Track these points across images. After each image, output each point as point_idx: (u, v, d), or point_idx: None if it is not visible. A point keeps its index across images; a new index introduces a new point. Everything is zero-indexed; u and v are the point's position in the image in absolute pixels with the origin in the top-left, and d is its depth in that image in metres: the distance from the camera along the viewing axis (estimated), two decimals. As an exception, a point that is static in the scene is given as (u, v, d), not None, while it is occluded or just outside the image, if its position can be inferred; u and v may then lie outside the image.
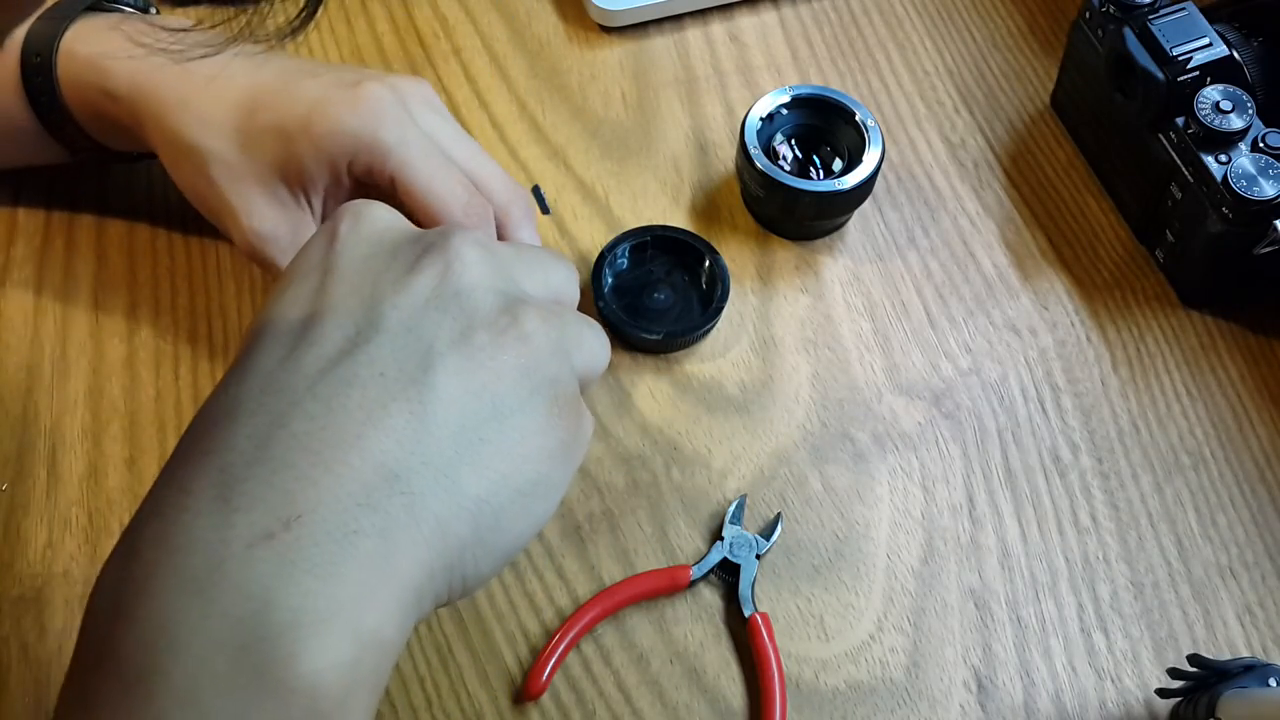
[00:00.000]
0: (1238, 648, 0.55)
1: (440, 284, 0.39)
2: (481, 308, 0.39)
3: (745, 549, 0.55)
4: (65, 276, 0.61)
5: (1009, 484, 0.58)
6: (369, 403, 0.36)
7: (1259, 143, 0.58)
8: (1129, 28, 0.60)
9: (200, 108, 0.53)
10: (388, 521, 0.35)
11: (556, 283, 0.44)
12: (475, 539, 0.37)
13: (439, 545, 0.36)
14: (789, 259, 0.64)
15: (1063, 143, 0.69)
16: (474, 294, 0.40)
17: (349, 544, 0.34)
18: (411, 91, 0.54)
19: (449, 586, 0.37)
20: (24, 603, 0.52)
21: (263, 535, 0.33)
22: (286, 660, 0.32)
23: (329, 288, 0.39)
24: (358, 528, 0.34)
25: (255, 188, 0.53)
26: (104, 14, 0.57)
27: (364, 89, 0.52)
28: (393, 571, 0.35)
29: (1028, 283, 0.64)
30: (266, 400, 0.36)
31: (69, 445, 0.56)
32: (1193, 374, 0.62)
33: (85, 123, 0.56)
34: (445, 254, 0.40)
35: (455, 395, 0.37)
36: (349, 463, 0.35)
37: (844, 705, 0.52)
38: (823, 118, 0.64)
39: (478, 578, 0.38)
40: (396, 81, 0.53)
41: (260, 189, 0.53)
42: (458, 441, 0.37)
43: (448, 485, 0.36)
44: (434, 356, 0.37)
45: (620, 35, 0.71)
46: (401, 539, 0.35)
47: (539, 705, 0.51)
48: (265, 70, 0.54)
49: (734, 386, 0.60)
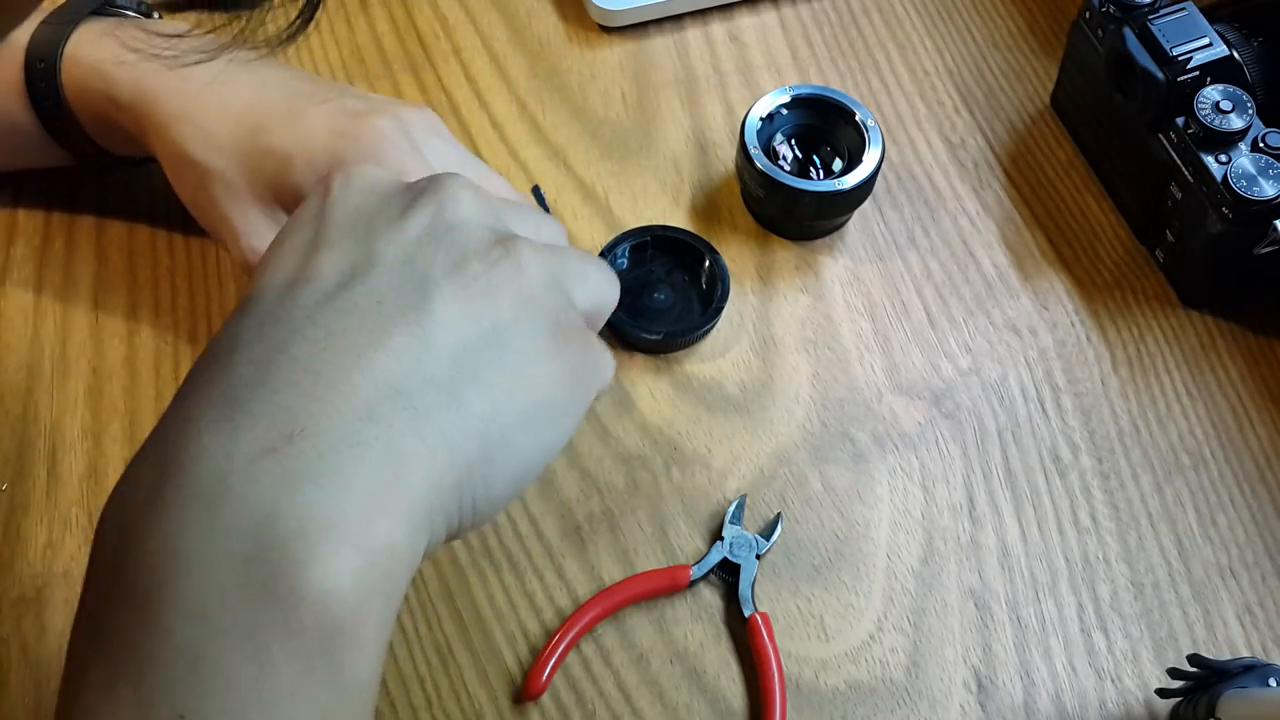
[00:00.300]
0: (1238, 648, 0.55)
1: (434, 220, 0.40)
2: (475, 240, 0.40)
3: (745, 549, 0.55)
4: (65, 276, 0.61)
5: (1009, 484, 0.58)
6: (368, 327, 0.36)
7: (1259, 143, 0.58)
8: (1129, 28, 0.60)
9: (204, 123, 0.53)
10: (391, 434, 0.35)
11: (548, 235, 0.45)
12: (483, 457, 0.37)
13: (446, 460, 0.36)
14: (789, 259, 0.64)
15: (1063, 143, 0.69)
16: (467, 228, 0.40)
17: (353, 455, 0.34)
18: (415, 121, 0.54)
19: (460, 508, 0.37)
20: (24, 603, 0.52)
21: (266, 450, 0.33)
22: (294, 569, 0.32)
23: (324, 233, 0.39)
24: (361, 440, 0.34)
25: (254, 207, 0.53)
26: (108, 19, 0.57)
27: (368, 122, 0.52)
28: (399, 483, 0.35)
29: (1028, 283, 0.64)
30: (266, 330, 0.36)
31: (69, 445, 0.56)
32: (1193, 374, 0.62)
33: (89, 127, 0.56)
34: (438, 194, 0.41)
35: (454, 319, 0.38)
36: (351, 380, 0.35)
37: (844, 705, 0.52)
38: (823, 118, 0.64)
39: (488, 501, 0.38)
40: (401, 111, 0.54)
41: (259, 209, 0.53)
42: (459, 362, 0.37)
43: (451, 402, 0.37)
44: (430, 285, 0.38)
45: (620, 35, 0.71)
46: (407, 451, 0.35)
47: (539, 705, 0.51)
48: (270, 89, 0.54)
49: (734, 386, 0.60)
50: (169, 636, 0.31)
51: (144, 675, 0.31)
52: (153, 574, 0.32)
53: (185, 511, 0.32)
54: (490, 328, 0.38)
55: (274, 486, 0.33)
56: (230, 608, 0.31)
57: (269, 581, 0.32)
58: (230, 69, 0.54)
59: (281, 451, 0.33)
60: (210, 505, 0.32)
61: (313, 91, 0.55)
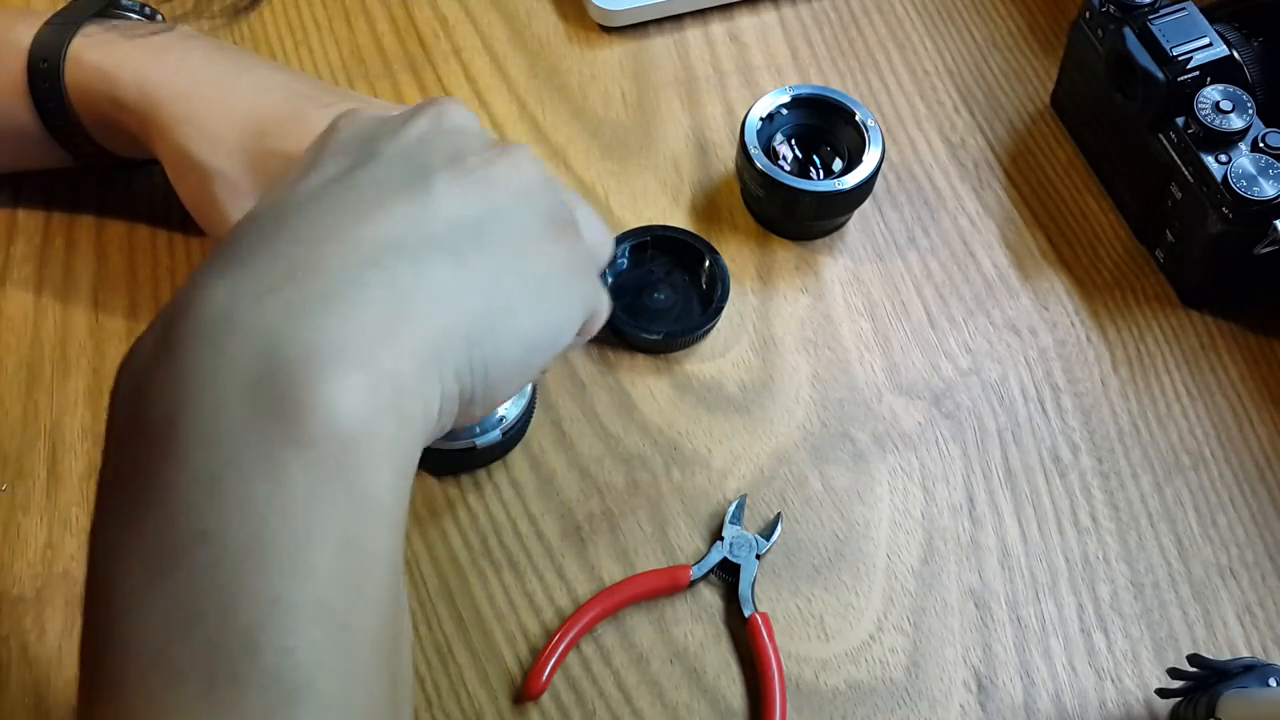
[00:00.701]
0: (1238, 648, 0.55)
1: (433, 126, 0.41)
2: (472, 142, 0.41)
3: (745, 549, 0.55)
4: (65, 276, 0.61)
5: (1009, 484, 0.58)
6: (370, 198, 0.37)
7: (1259, 143, 0.58)
8: (1129, 28, 0.60)
9: (207, 125, 0.53)
10: (395, 278, 0.36)
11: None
12: (488, 315, 0.38)
13: (451, 307, 0.37)
14: (789, 259, 0.64)
15: (1063, 143, 0.69)
16: (464, 133, 0.42)
17: (356, 290, 0.35)
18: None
19: (470, 366, 0.37)
20: (24, 603, 0.52)
21: (269, 288, 0.34)
22: (303, 387, 0.32)
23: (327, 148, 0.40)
24: (364, 279, 0.35)
25: None
26: (112, 20, 0.57)
27: None
28: (403, 318, 0.35)
29: (1028, 283, 0.64)
30: (270, 210, 0.37)
31: (69, 445, 0.56)
32: (1193, 374, 0.62)
33: (91, 129, 0.56)
34: (436, 106, 0.42)
35: (452, 197, 0.38)
36: (353, 233, 0.36)
37: (844, 705, 0.52)
38: (823, 118, 0.64)
39: (498, 368, 0.38)
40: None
41: None
42: (459, 229, 0.38)
43: (452, 260, 0.37)
44: (430, 171, 0.39)
45: (620, 35, 0.71)
46: (411, 293, 0.36)
47: (539, 705, 0.51)
48: (273, 92, 0.54)
49: (734, 386, 0.60)
50: (185, 461, 0.32)
51: (164, 501, 0.32)
52: (165, 409, 0.32)
53: (193, 349, 0.33)
54: (489, 209, 0.39)
55: (279, 316, 0.33)
56: (242, 428, 0.32)
57: (278, 400, 0.32)
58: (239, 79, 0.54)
59: (285, 288, 0.34)
60: (216, 339, 0.33)
61: (315, 94, 0.55)
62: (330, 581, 0.32)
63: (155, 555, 0.31)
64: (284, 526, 0.31)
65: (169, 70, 0.54)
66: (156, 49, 0.55)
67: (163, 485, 0.32)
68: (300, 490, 0.32)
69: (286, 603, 0.31)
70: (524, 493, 0.56)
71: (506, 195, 0.40)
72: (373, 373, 0.33)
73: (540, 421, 0.58)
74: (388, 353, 0.34)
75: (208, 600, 0.31)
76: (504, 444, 0.56)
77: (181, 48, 0.55)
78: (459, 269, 0.37)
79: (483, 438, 0.54)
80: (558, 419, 0.58)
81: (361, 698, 0.32)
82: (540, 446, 0.57)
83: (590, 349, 0.60)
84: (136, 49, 0.55)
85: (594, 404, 0.59)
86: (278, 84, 0.55)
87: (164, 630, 0.30)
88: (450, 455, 0.55)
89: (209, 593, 0.31)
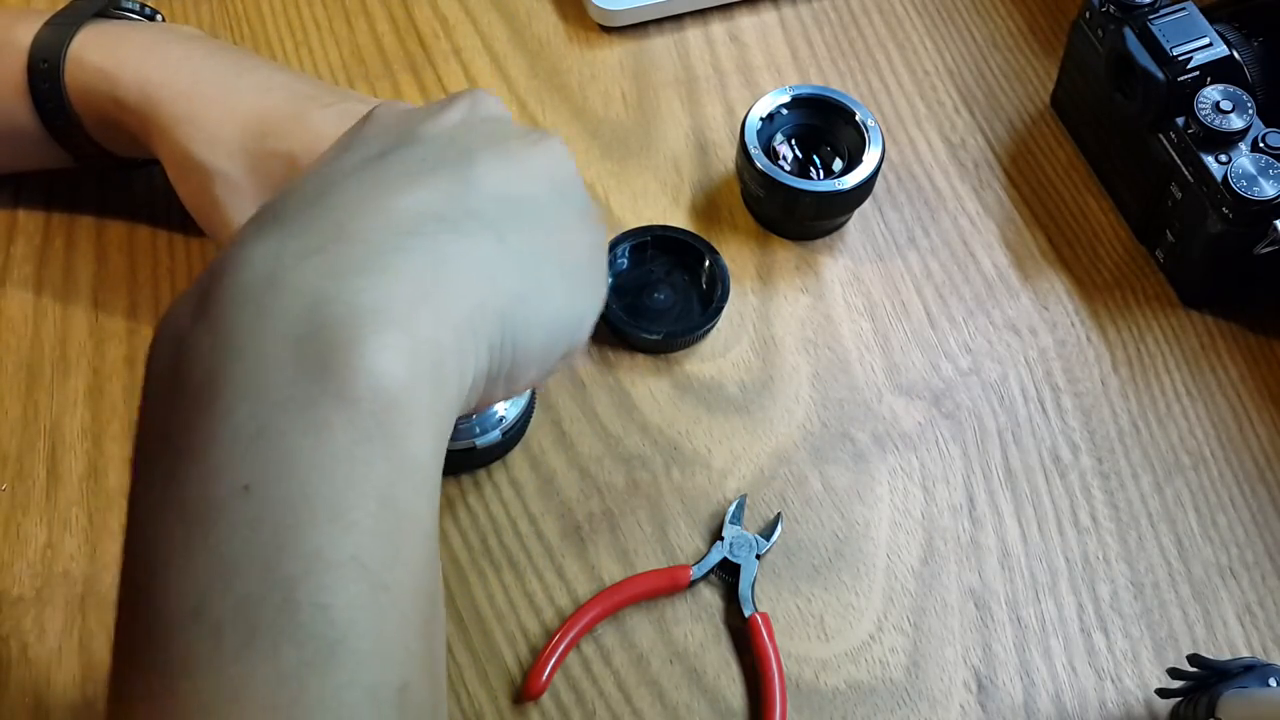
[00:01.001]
0: (1238, 648, 0.55)
1: (470, 113, 0.41)
2: (511, 128, 0.42)
3: (745, 549, 0.55)
4: (65, 276, 0.61)
5: (1009, 484, 0.58)
6: (412, 173, 0.38)
7: (1259, 143, 0.58)
8: (1129, 28, 0.60)
9: (208, 125, 0.53)
10: (434, 246, 0.36)
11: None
12: (523, 294, 0.38)
13: (487, 281, 0.37)
14: (789, 259, 0.64)
15: (1063, 143, 0.69)
16: (503, 120, 0.42)
17: (399, 257, 0.35)
18: None
19: (502, 340, 0.37)
20: (24, 603, 0.52)
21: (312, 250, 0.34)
22: (346, 345, 0.32)
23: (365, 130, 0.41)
24: (404, 246, 0.35)
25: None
26: (112, 21, 0.57)
27: None
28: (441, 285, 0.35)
29: (1028, 283, 0.64)
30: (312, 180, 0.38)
31: (69, 445, 0.56)
32: (1193, 374, 0.62)
33: (92, 129, 0.56)
34: (472, 95, 0.43)
35: (494, 177, 0.39)
36: (395, 204, 0.36)
37: (844, 705, 0.52)
38: (823, 118, 0.64)
39: (526, 349, 0.38)
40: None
41: None
42: (500, 206, 0.38)
43: (492, 236, 0.37)
44: (471, 151, 0.39)
45: (620, 35, 0.71)
46: (451, 263, 0.36)
47: (539, 705, 0.51)
48: (275, 92, 0.54)
49: (734, 386, 0.60)
50: (229, 415, 0.32)
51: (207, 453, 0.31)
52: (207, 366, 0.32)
53: (235, 308, 0.33)
54: (528, 193, 0.40)
55: (321, 277, 0.33)
56: (286, 383, 0.32)
57: (322, 357, 0.32)
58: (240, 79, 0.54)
59: (328, 250, 0.34)
60: (260, 298, 0.33)
61: (317, 95, 0.55)
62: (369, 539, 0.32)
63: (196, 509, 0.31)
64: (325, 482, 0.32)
65: (170, 70, 0.54)
66: (157, 49, 0.55)
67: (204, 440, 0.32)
68: (342, 447, 0.32)
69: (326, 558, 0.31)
70: (524, 493, 0.56)
71: (546, 182, 0.40)
72: (414, 337, 0.34)
73: (540, 421, 0.58)
74: (428, 319, 0.34)
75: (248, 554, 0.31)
76: (504, 444, 0.56)
77: (182, 48, 0.55)
78: (498, 244, 0.37)
79: (482, 438, 0.54)
80: (558, 419, 0.58)
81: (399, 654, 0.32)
82: (540, 446, 0.57)
83: (590, 349, 0.60)
84: (137, 49, 0.55)
85: (594, 404, 0.59)
86: (279, 84, 0.55)
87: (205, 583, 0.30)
88: (450, 455, 0.55)
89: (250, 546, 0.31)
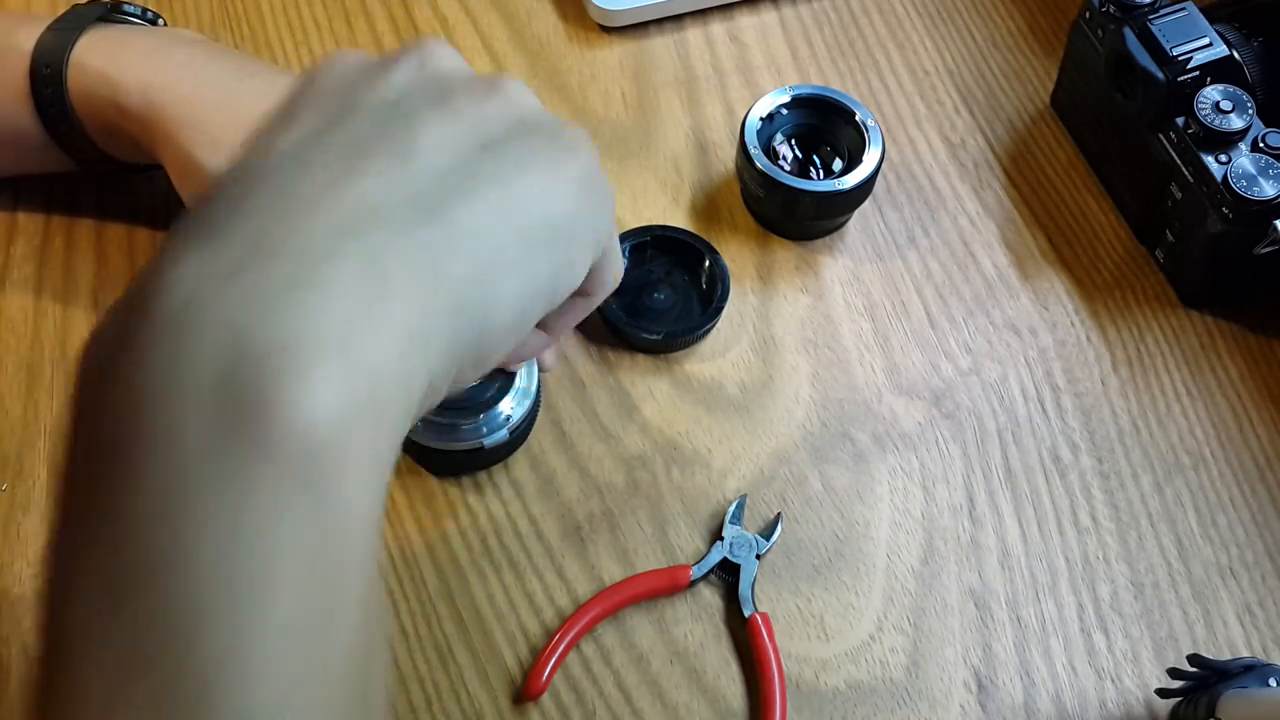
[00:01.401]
0: (1238, 648, 0.55)
1: (418, 72, 0.38)
2: (460, 82, 0.38)
3: (745, 549, 0.55)
4: (65, 276, 0.61)
5: (1009, 484, 0.58)
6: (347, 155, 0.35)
7: (1259, 143, 0.58)
8: (1129, 28, 0.60)
9: (212, 130, 0.53)
10: (371, 247, 0.32)
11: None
12: (476, 277, 0.35)
13: (432, 277, 0.34)
14: (789, 259, 0.64)
15: (1063, 143, 0.69)
16: (453, 75, 0.39)
17: (330, 266, 0.31)
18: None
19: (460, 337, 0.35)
20: (24, 603, 0.52)
21: (236, 268, 0.31)
22: (267, 386, 0.29)
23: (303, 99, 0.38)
24: (338, 251, 0.32)
25: None
26: (114, 25, 0.57)
27: None
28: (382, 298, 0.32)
29: (1028, 283, 0.64)
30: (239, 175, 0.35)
31: (69, 445, 0.56)
32: (1193, 374, 0.62)
33: (94, 134, 0.56)
34: (420, 49, 0.39)
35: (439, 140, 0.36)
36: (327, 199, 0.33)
37: (844, 705, 0.52)
38: (823, 118, 0.64)
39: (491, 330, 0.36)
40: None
41: None
42: (445, 180, 0.35)
43: (435, 217, 0.34)
44: (414, 117, 0.36)
45: (620, 35, 0.71)
46: (389, 264, 0.33)
47: (539, 705, 0.51)
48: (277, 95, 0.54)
49: (734, 386, 0.60)
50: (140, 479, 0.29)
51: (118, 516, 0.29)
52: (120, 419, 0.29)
53: (152, 346, 0.30)
54: (480, 145, 0.36)
55: (244, 302, 0.30)
56: (202, 437, 0.29)
57: (241, 403, 0.29)
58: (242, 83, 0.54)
59: (253, 267, 0.31)
60: (177, 332, 0.30)
61: None
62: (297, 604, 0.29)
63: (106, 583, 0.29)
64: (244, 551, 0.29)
65: (172, 75, 0.54)
66: (159, 54, 0.55)
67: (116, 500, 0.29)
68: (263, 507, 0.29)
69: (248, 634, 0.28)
70: (524, 493, 0.56)
71: (500, 128, 0.37)
72: (347, 364, 0.30)
73: (540, 421, 0.58)
74: (365, 339, 0.31)
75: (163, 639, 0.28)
76: (511, 443, 0.56)
77: (185, 52, 0.55)
78: (441, 229, 0.34)
79: (490, 438, 0.54)
80: (558, 419, 0.58)
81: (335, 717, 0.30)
82: (540, 446, 0.57)
83: (590, 349, 0.60)
84: (139, 54, 0.55)
85: (594, 404, 0.59)
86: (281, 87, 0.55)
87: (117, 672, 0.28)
88: (457, 456, 0.55)
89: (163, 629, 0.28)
